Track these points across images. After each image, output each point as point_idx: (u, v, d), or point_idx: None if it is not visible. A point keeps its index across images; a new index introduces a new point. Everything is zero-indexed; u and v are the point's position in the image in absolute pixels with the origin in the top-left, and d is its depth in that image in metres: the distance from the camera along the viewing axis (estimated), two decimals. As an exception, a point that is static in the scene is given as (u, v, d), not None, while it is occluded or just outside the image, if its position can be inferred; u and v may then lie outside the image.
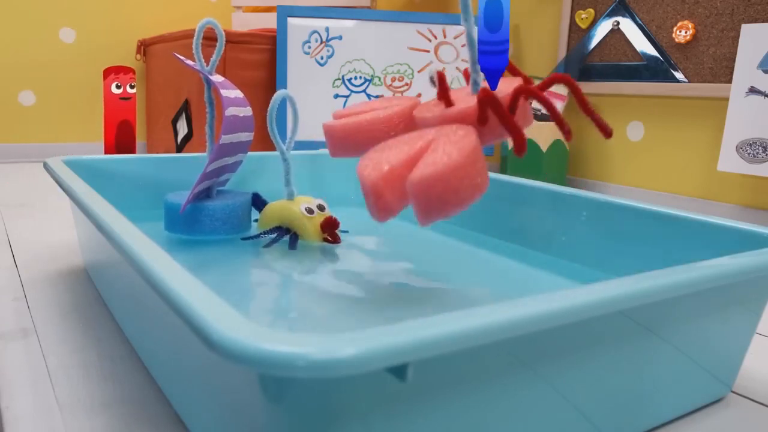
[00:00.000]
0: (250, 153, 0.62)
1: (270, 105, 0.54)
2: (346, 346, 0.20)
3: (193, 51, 0.56)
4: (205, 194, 0.58)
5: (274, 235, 0.57)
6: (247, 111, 0.58)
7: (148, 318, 0.37)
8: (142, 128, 1.65)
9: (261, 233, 0.57)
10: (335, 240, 0.56)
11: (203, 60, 0.57)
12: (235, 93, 0.57)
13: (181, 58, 0.59)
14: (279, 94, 0.54)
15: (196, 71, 0.57)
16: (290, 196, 0.58)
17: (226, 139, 0.54)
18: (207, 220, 0.56)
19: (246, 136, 0.58)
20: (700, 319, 0.35)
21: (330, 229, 0.56)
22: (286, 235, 0.57)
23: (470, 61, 0.45)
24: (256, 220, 0.60)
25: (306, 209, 0.56)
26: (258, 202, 0.60)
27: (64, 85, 1.56)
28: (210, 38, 0.73)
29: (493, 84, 0.52)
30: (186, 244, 0.57)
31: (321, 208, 0.57)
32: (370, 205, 0.38)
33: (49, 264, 0.62)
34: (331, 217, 0.56)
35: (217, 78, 0.57)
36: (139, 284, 0.35)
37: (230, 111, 0.54)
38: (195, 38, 0.55)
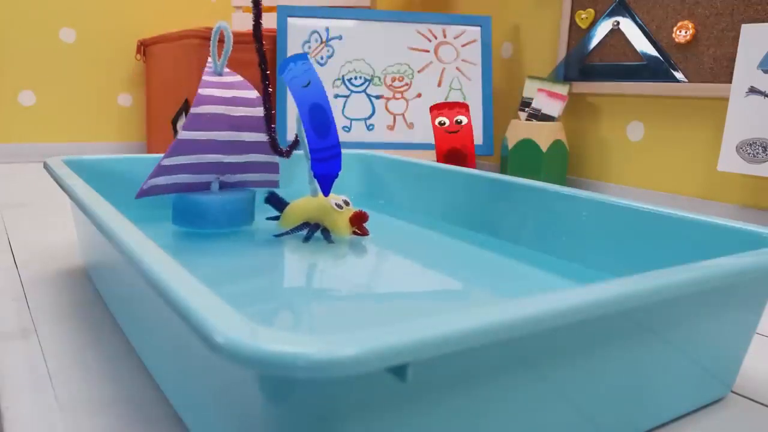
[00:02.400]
0: None
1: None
2: (346, 346, 0.20)
3: (210, 53, 0.58)
4: (206, 189, 0.60)
5: (305, 231, 0.59)
6: (255, 111, 0.58)
7: (148, 318, 0.37)
8: (141, 128, 1.65)
9: (292, 230, 0.59)
10: (364, 232, 0.59)
11: (217, 60, 0.59)
12: (239, 93, 0.58)
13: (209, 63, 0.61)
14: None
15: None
16: (314, 193, 0.59)
17: (185, 135, 0.56)
18: (195, 214, 0.59)
19: (249, 136, 0.59)
20: (700, 319, 0.35)
21: (359, 222, 0.58)
22: (317, 229, 0.59)
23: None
24: (273, 218, 0.62)
25: (336, 204, 0.58)
26: (275, 201, 0.62)
27: (64, 85, 1.56)
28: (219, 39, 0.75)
29: (326, 189, 0.57)
30: (209, 239, 0.57)
31: (346, 203, 0.59)
32: None
33: (49, 264, 0.62)
34: (361, 210, 0.58)
35: (234, 78, 0.59)
36: (139, 284, 0.35)
37: (198, 110, 0.56)
38: (212, 40, 0.57)
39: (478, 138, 1.40)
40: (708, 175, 1.14)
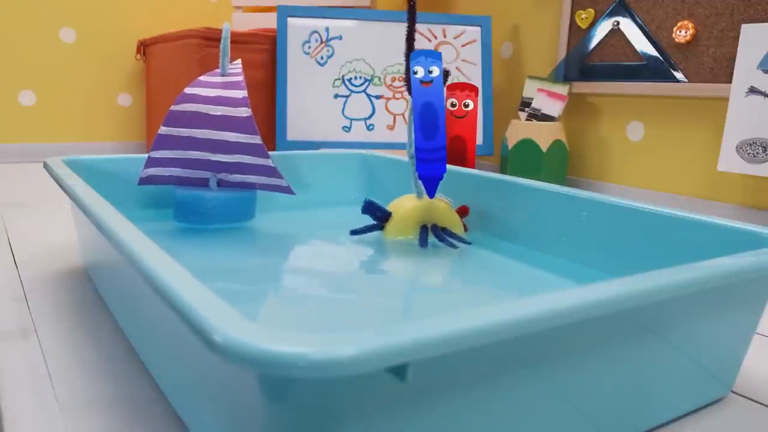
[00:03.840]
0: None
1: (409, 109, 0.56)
2: (346, 346, 0.20)
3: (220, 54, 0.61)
4: (204, 185, 0.62)
5: (427, 235, 0.59)
6: (236, 111, 0.59)
7: (147, 318, 0.37)
8: (141, 128, 1.65)
9: (423, 239, 0.58)
10: (465, 227, 0.61)
11: (228, 61, 0.61)
12: (226, 93, 0.59)
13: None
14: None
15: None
16: (420, 195, 0.59)
17: (163, 131, 0.59)
18: (193, 210, 0.60)
19: (232, 136, 0.59)
20: (700, 319, 0.35)
21: (464, 216, 0.61)
22: (440, 231, 0.59)
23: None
24: (361, 230, 0.60)
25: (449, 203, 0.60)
26: (374, 209, 0.59)
27: (64, 85, 1.56)
28: (217, 39, 0.77)
29: (432, 191, 0.56)
30: (209, 236, 0.57)
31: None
32: None
33: (49, 264, 0.62)
34: (465, 206, 0.61)
35: (235, 78, 0.60)
36: (138, 284, 0.35)
37: (177, 107, 0.58)
38: (222, 42, 0.60)
39: (478, 138, 1.40)
40: (708, 175, 1.14)
